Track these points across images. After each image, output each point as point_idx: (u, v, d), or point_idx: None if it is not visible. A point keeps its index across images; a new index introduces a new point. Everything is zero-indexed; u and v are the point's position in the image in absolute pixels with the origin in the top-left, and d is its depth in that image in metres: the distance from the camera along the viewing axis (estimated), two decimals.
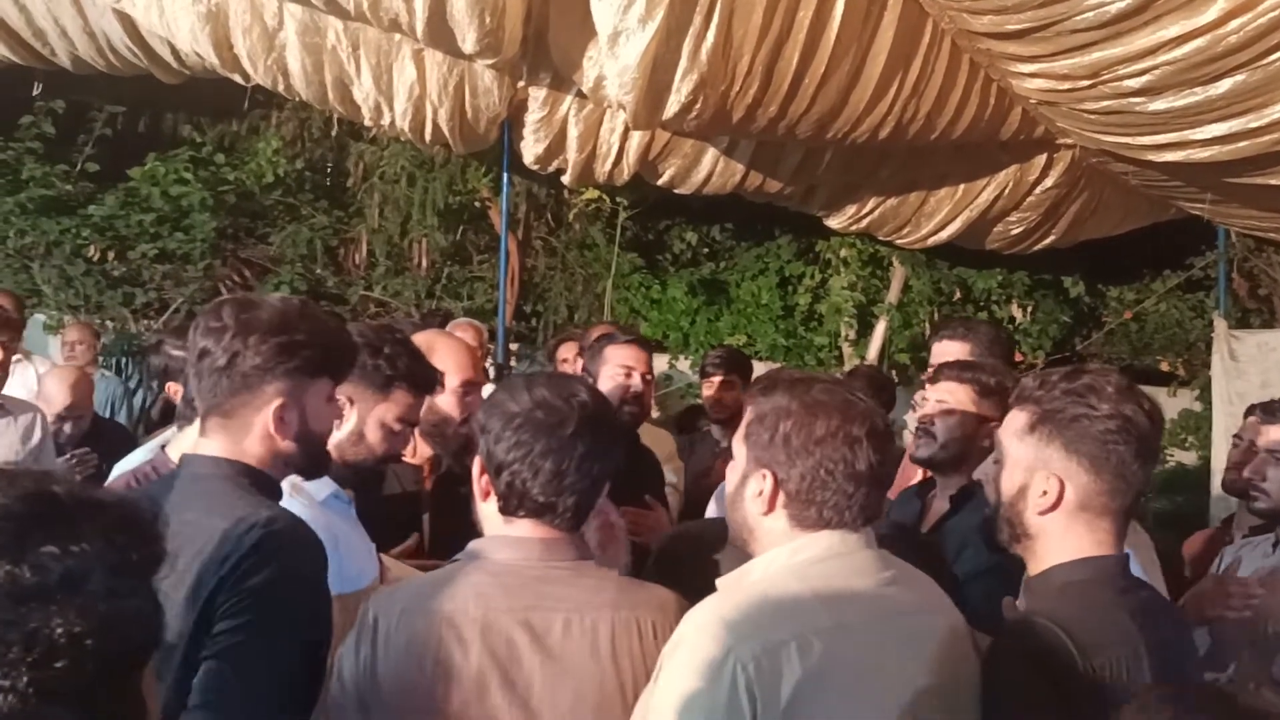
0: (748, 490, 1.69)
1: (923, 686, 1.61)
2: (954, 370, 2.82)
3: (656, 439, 3.98)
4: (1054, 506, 1.70)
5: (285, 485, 2.08)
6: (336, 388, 1.91)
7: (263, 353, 1.77)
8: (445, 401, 2.75)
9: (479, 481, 1.80)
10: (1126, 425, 1.68)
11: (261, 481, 1.81)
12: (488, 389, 3.48)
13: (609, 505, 2.33)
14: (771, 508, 1.67)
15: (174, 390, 3.55)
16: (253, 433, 1.80)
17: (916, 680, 1.61)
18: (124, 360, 7.05)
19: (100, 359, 6.36)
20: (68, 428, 4.29)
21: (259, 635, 1.63)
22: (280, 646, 1.65)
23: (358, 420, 2.27)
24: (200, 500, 1.74)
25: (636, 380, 3.28)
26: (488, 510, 1.81)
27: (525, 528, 1.76)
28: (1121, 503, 1.71)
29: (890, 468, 1.72)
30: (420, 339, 2.97)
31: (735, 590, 1.65)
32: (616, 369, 3.30)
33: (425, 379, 2.39)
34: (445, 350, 2.89)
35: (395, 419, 2.31)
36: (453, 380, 2.79)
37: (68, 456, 4.19)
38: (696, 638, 1.56)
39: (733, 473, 1.75)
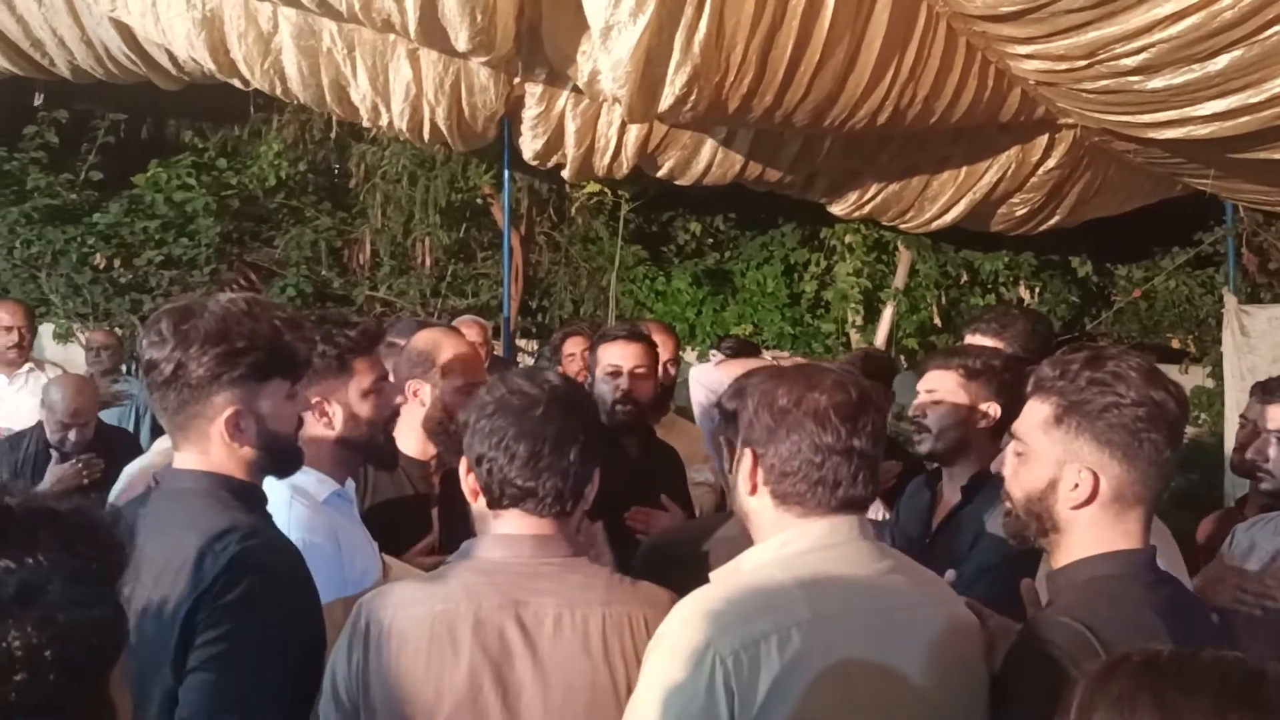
0: (739, 472, 1.71)
1: (911, 680, 1.59)
2: (939, 358, 2.81)
3: (694, 436, 3.94)
4: (1089, 500, 1.64)
5: (285, 490, 2.10)
6: (296, 384, 1.88)
7: (204, 364, 1.74)
8: (448, 399, 2.76)
9: (466, 481, 1.81)
10: (1156, 411, 1.63)
11: (241, 491, 1.80)
12: None
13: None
14: (754, 487, 1.68)
15: None
16: (214, 443, 1.79)
17: (905, 674, 1.59)
18: (134, 366, 7.10)
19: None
20: (72, 435, 4.30)
21: (235, 645, 1.63)
22: (257, 655, 1.65)
23: (341, 408, 2.30)
24: (178, 516, 1.75)
25: (624, 379, 3.22)
26: (479, 510, 1.82)
27: (514, 523, 1.76)
28: (1154, 491, 1.66)
29: (871, 442, 1.66)
30: (425, 337, 2.97)
31: (722, 582, 1.65)
32: (606, 368, 3.26)
33: (371, 338, 2.44)
34: (449, 348, 2.89)
35: (370, 384, 2.36)
36: (456, 380, 2.79)
37: (73, 461, 4.20)
38: (679, 631, 1.56)
39: (734, 459, 1.77)
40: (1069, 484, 1.65)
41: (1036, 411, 1.70)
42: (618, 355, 3.27)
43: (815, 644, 1.54)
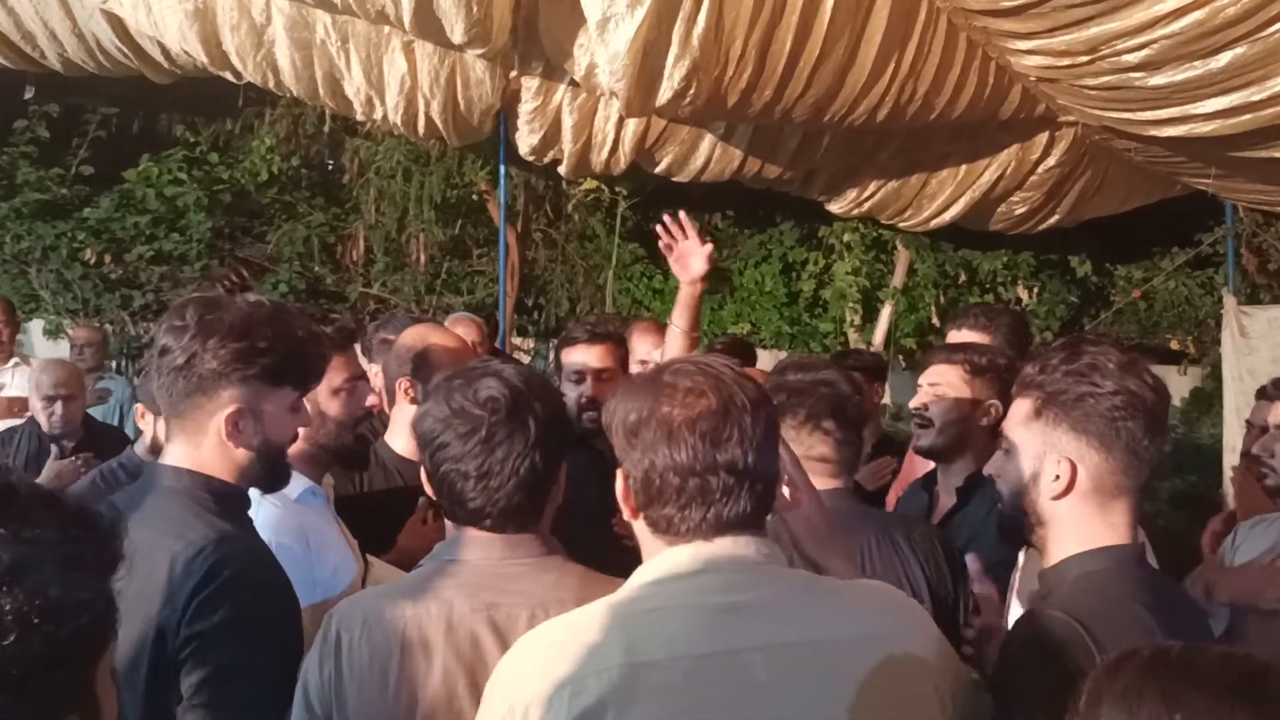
0: (619, 495, 1.52)
1: None
2: (943, 353, 2.80)
3: None
4: (1068, 490, 1.64)
5: (255, 489, 2.05)
6: (303, 396, 1.87)
7: (220, 357, 1.74)
8: None
9: (429, 490, 1.78)
10: (1132, 400, 1.62)
11: (223, 494, 1.78)
12: None
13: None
14: (632, 509, 1.49)
15: None
16: (209, 438, 1.78)
17: None
18: (124, 363, 7.04)
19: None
20: (59, 408, 4.24)
21: (228, 677, 1.62)
22: (251, 677, 1.64)
23: (310, 406, 2.26)
24: (158, 515, 1.72)
25: (587, 385, 3.14)
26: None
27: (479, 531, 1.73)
28: (1135, 481, 1.65)
29: (743, 450, 1.43)
30: (411, 333, 2.93)
31: (557, 621, 1.50)
32: (569, 374, 3.17)
33: (347, 335, 2.46)
34: (434, 342, 2.84)
35: (341, 382, 2.34)
36: (443, 373, 2.73)
37: (72, 458, 4.10)
38: (497, 675, 1.47)
39: None
40: (1049, 475, 1.65)
41: (1019, 407, 1.72)
42: (580, 359, 3.19)
43: (616, 695, 1.35)
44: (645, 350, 3.67)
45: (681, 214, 2.95)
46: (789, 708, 1.38)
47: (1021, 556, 2.20)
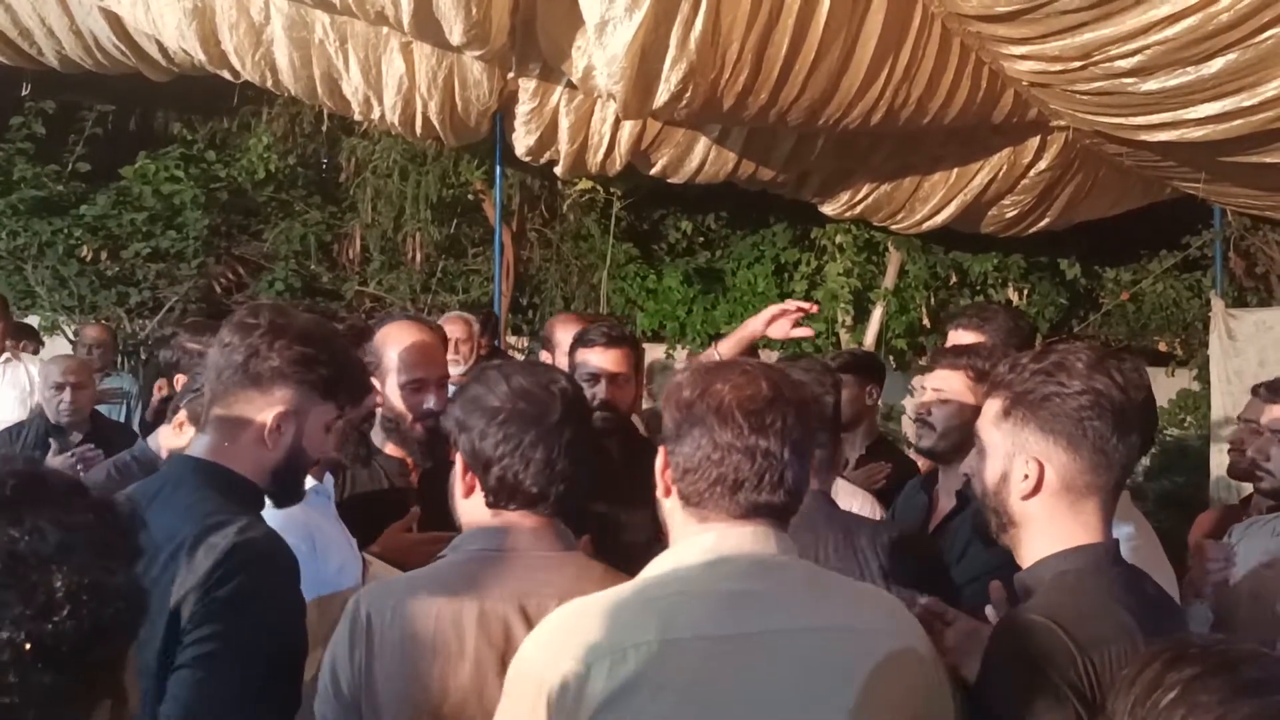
0: (656, 472, 1.61)
1: (778, 710, 1.47)
2: (947, 357, 2.79)
3: None
4: (1036, 490, 1.64)
5: None
6: (340, 417, 1.92)
7: (285, 356, 1.80)
8: (391, 396, 2.70)
9: (463, 479, 1.79)
10: (1099, 399, 1.63)
11: (242, 488, 1.81)
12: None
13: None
14: (667, 488, 1.58)
15: (179, 382, 3.53)
16: (247, 433, 1.81)
17: (770, 702, 1.47)
18: (121, 359, 7.04)
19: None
20: (67, 395, 4.27)
21: (228, 644, 1.63)
22: (249, 654, 1.64)
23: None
24: (179, 503, 1.75)
25: (602, 388, 3.13)
26: (468, 505, 1.81)
27: (512, 517, 1.76)
28: (1105, 480, 1.65)
29: (782, 442, 1.51)
30: (381, 333, 2.87)
31: (594, 597, 1.54)
32: (584, 375, 3.14)
33: (356, 334, 2.51)
34: (393, 345, 2.75)
35: None
36: (400, 377, 2.69)
37: (69, 454, 4.11)
38: (527, 647, 1.52)
39: None
40: (1019, 475, 1.65)
41: (989, 407, 1.72)
42: (596, 361, 3.18)
43: (652, 668, 1.43)
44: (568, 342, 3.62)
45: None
46: (802, 687, 1.47)
47: None
